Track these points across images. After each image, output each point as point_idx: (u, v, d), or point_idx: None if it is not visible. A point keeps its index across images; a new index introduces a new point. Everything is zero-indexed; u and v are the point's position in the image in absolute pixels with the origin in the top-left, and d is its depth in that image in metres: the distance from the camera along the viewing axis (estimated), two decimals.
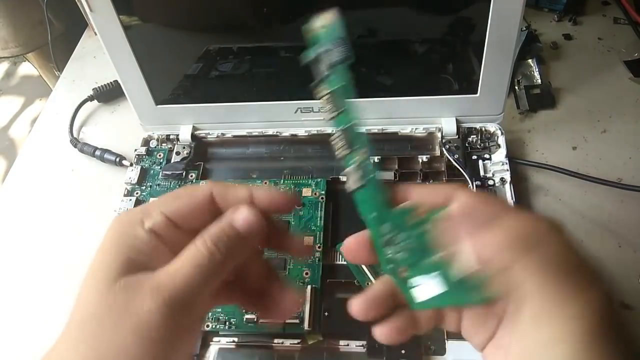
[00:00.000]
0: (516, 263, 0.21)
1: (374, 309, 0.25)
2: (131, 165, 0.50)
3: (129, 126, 0.55)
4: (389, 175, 0.45)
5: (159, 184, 0.48)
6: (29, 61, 0.87)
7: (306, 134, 0.49)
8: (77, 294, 0.25)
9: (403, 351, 0.36)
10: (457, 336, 0.37)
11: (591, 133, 0.50)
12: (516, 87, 0.54)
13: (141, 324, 0.22)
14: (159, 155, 0.50)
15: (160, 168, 0.49)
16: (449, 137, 0.47)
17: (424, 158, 0.46)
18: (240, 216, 0.25)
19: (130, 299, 0.22)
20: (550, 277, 0.20)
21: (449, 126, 0.47)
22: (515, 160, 0.47)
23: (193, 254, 0.23)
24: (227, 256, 0.24)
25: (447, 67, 0.45)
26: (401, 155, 0.47)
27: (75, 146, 0.55)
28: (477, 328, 0.24)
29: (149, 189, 0.48)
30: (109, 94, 0.60)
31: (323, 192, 0.45)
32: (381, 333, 0.25)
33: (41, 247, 0.48)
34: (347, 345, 0.37)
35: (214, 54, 0.47)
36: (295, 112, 0.48)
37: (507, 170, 0.44)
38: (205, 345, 0.38)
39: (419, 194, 0.26)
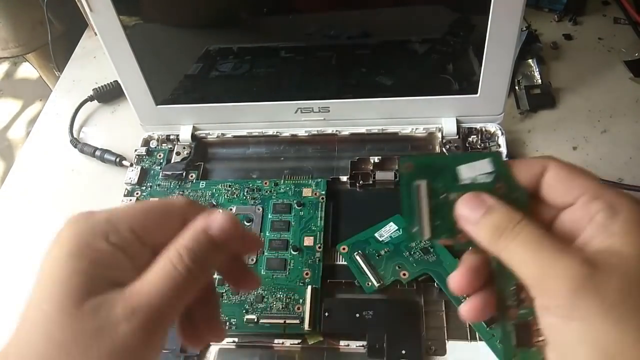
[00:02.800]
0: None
1: (472, 281, 0.24)
2: (131, 165, 0.50)
3: (129, 126, 0.55)
4: (389, 175, 0.45)
5: (159, 184, 0.48)
6: (29, 61, 0.87)
7: (306, 134, 0.49)
8: (23, 317, 0.22)
9: (403, 351, 0.36)
10: (458, 336, 0.37)
11: (591, 133, 0.50)
12: (516, 87, 0.54)
13: (117, 348, 0.20)
14: (159, 156, 0.50)
15: (161, 168, 0.49)
16: (449, 137, 0.47)
17: None
18: (216, 223, 0.23)
19: (103, 323, 0.20)
20: None
21: (449, 126, 0.47)
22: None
23: (168, 270, 0.22)
24: (202, 268, 0.23)
25: (448, 67, 0.45)
26: (401, 155, 0.47)
27: (75, 146, 0.55)
28: None
29: (149, 189, 0.48)
30: (109, 94, 0.60)
31: (323, 192, 0.45)
32: (468, 311, 0.24)
33: (41, 247, 0.48)
34: (347, 345, 0.37)
35: (214, 54, 0.47)
36: (296, 112, 0.48)
37: None
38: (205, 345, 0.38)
39: (515, 171, 0.24)
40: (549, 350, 0.21)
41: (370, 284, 0.39)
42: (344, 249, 0.41)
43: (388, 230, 0.42)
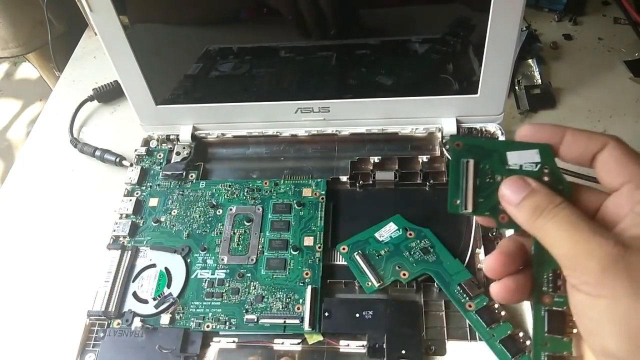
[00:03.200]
0: None
1: (506, 265, 0.25)
2: (131, 165, 0.50)
3: (129, 126, 0.55)
4: (389, 175, 0.45)
5: (159, 184, 0.48)
6: (29, 61, 0.87)
7: (306, 134, 0.49)
8: None
9: (403, 351, 0.36)
10: (458, 336, 0.37)
11: None
12: (516, 87, 0.54)
13: None
14: (159, 156, 0.50)
15: (161, 168, 0.49)
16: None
17: (424, 158, 0.46)
18: None
19: None
20: None
21: (449, 126, 0.47)
22: None
23: None
24: None
25: (448, 67, 0.45)
26: (401, 156, 0.47)
27: (75, 146, 0.55)
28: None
29: (149, 189, 0.48)
30: (109, 94, 0.60)
31: (323, 193, 0.45)
32: (499, 291, 0.25)
33: (41, 247, 0.48)
34: (347, 345, 0.37)
35: (214, 54, 0.47)
36: (296, 112, 0.48)
37: None
38: (205, 345, 0.38)
39: (571, 139, 0.25)
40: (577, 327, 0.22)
41: (370, 284, 0.39)
42: (344, 249, 0.41)
43: (388, 230, 0.42)
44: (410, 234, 0.41)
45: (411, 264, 0.40)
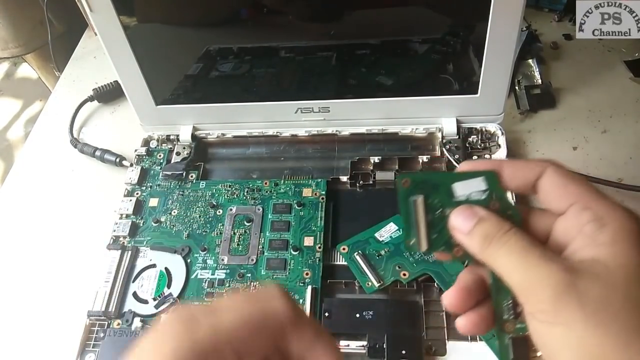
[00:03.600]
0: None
1: (466, 300, 0.25)
2: (131, 165, 0.50)
3: (129, 126, 0.55)
4: (389, 175, 0.45)
5: (159, 184, 0.48)
6: (28, 62, 0.87)
7: (306, 134, 0.49)
8: None
9: (404, 351, 0.36)
10: (458, 336, 0.37)
11: (592, 133, 0.50)
12: (516, 87, 0.53)
13: None
14: (159, 156, 0.50)
15: (161, 168, 0.49)
16: (450, 138, 0.46)
17: (425, 158, 0.46)
18: None
19: None
20: None
21: (449, 126, 0.47)
22: None
23: None
24: None
25: (448, 67, 0.45)
26: (401, 156, 0.47)
27: (75, 146, 0.55)
28: None
29: (149, 189, 0.48)
30: (109, 94, 0.60)
31: (323, 193, 0.45)
32: (464, 325, 0.25)
33: (41, 247, 0.48)
34: (347, 345, 0.37)
35: (214, 54, 0.47)
36: (296, 112, 0.48)
37: None
38: None
39: (509, 171, 0.25)
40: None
41: (370, 284, 0.39)
42: (344, 249, 0.41)
43: (388, 230, 0.42)
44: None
45: (411, 264, 0.40)
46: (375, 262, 0.40)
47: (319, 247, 0.42)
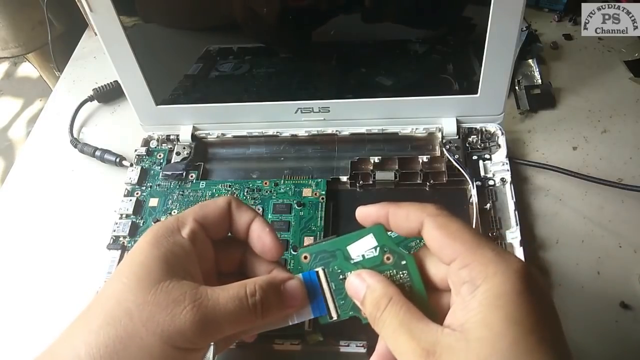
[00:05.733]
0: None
1: None
2: (131, 165, 0.50)
3: (129, 126, 0.55)
4: (389, 175, 0.45)
5: (159, 184, 0.48)
6: (29, 61, 0.87)
7: (306, 134, 0.49)
8: (104, 287, 0.26)
9: None
10: None
11: (591, 133, 0.50)
12: (516, 87, 0.54)
13: (173, 328, 0.23)
14: (159, 156, 0.50)
15: (161, 168, 0.49)
16: (450, 138, 0.47)
17: (425, 158, 0.46)
18: (291, 286, 0.27)
19: (170, 303, 0.24)
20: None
21: (449, 126, 0.47)
22: (515, 160, 0.47)
23: (240, 293, 0.25)
24: (264, 315, 0.26)
25: (448, 67, 0.45)
26: (401, 156, 0.47)
27: (75, 146, 0.55)
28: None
29: (149, 189, 0.48)
30: (109, 94, 0.60)
31: (323, 193, 0.45)
32: None
33: (41, 247, 0.48)
34: (347, 345, 0.37)
35: (214, 54, 0.47)
36: (296, 112, 0.48)
37: (508, 170, 0.44)
38: None
39: (392, 220, 0.27)
40: None
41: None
42: (305, 257, 0.29)
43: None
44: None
45: None
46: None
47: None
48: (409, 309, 0.23)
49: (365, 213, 0.28)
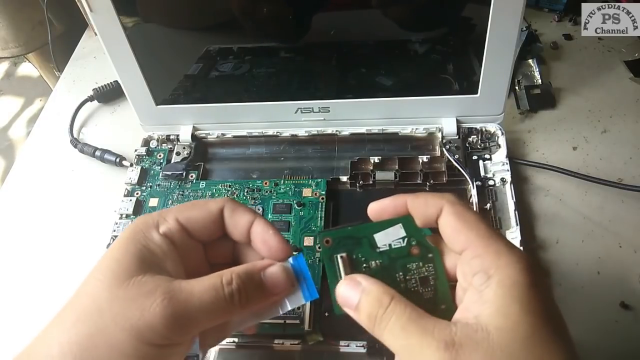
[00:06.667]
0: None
1: None
2: (131, 165, 0.50)
3: (129, 126, 0.55)
4: (389, 175, 0.45)
5: (159, 184, 0.48)
6: (29, 61, 0.87)
7: (306, 134, 0.49)
8: (81, 284, 0.26)
9: None
10: None
11: (591, 133, 0.50)
12: (516, 87, 0.54)
13: (143, 322, 0.22)
14: (159, 156, 0.50)
15: (161, 168, 0.49)
16: (450, 138, 0.47)
17: (425, 158, 0.46)
18: (272, 273, 0.26)
19: (141, 297, 0.23)
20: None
21: (449, 126, 0.47)
22: (515, 160, 0.47)
23: (215, 284, 0.24)
24: (243, 304, 0.25)
25: (448, 67, 0.45)
26: (401, 156, 0.47)
27: (75, 146, 0.55)
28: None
29: (149, 189, 0.48)
30: (109, 94, 0.60)
31: (323, 193, 0.45)
32: None
33: (41, 247, 0.48)
34: (347, 345, 0.37)
35: (214, 54, 0.47)
36: (296, 112, 0.48)
37: (508, 170, 0.44)
38: None
39: (411, 206, 0.26)
40: None
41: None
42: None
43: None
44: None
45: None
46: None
47: (319, 248, 0.42)
48: (414, 307, 0.23)
49: (380, 207, 0.27)
